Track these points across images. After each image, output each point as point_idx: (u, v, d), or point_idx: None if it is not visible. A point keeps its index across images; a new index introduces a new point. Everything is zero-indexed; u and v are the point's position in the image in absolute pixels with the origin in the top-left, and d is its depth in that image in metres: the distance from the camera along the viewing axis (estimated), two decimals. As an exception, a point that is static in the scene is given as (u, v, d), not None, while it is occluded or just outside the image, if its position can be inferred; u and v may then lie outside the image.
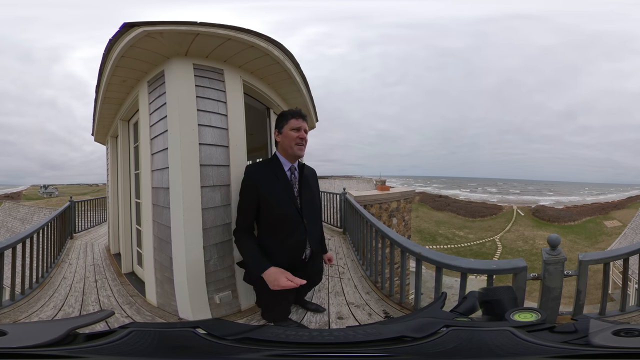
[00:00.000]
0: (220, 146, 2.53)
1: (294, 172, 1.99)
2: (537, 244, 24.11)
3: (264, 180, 1.89)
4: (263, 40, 2.44)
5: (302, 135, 1.95)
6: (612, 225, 26.75)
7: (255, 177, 1.90)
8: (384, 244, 3.03)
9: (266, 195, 1.87)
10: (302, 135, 1.95)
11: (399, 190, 7.95)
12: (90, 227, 7.40)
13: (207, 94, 2.47)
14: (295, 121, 1.94)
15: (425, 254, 2.30)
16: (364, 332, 0.78)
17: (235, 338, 0.71)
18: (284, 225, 1.91)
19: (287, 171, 1.96)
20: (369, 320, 2.49)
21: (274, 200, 1.87)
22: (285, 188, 1.92)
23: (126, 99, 3.35)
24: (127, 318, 2.60)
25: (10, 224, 14.51)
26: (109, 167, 5.06)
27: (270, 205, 1.88)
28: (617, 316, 2.36)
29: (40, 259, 3.58)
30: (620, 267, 5.18)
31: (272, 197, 1.87)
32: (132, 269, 3.87)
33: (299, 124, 1.95)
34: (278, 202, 1.88)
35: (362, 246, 3.99)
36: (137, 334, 0.71)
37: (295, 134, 1.93)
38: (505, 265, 2.04)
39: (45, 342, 0.67)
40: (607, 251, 2.60)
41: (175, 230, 2.41)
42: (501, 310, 0.90)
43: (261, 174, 1.92)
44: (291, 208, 1.91)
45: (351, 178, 31.78)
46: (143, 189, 2.98)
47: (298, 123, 1.94)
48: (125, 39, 2.17)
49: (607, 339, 0.65)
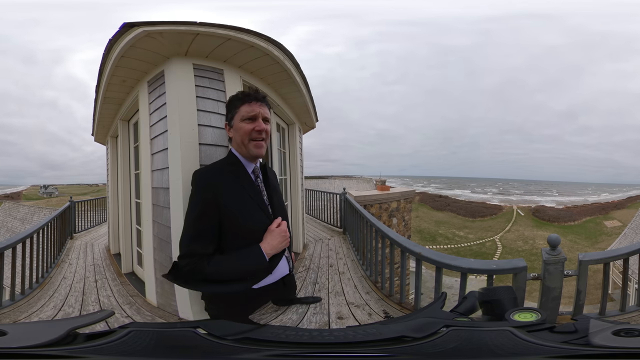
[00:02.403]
0: (220, 146, 2.53)
1: (259, 175, 1.56)
2: (537, 244, 24.12)
3: (225, 189, 1.42)
4: (263, 40, 2.45)
5: (260, 126, 1.45)
6: (612, 225, 26.76)
7: (213, 186, 1.41)
8: (384, 244, 3.03)
9: (232, 208, 1.41)
10: (259, 127, 1.45)
11: (399, 190, 7.95)
12: (90, 227, 7.40)
13: (207, 94, 2.47)
14: (247, 107, 1.45)
15: (425, 254, 2.30)
16: (364, 332, 0.78)
17: (235, 338, 0.71)
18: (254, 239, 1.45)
19: (251, 174, 1.53)
20: (369, 320, 2.49)
21: (240, 213, 1.42)
22: (253, 196, 1.48)
23: (126, 99, 3.35)
24: (127, 318, 2.60)
25: (10, 224, 14.51)
26: (109, 167, 5.06)
27: (236, 219, 1.42)
28: (617, 316, 2.36)
29: (40, 259, 3.59)
30: (620, 267, 5.18)
31: (238, 210, 1.42)
32: (132, 269, 3.87)
33: (254, 110, 1.45)
34: (246, 215, 1.44)
35: (362, 246, 3.99)
36: (137, 334, 0.71)
37: (249, 126, 1.44)
38: (505, 265, 2.04)
39: (45, 342, 0.67)
40: (607, 251, 2.60)
41: (175, 230, 2.41)
42: (501, 310, 0.90)
43: (220, 181, 1.44)
44: (263, 219, 1.49)
45: (351, 178, 31.78)
46: (143, 189, 2.98)
47: (251, 109, 1.45)
48: (125, 39, 2.17)
49: (607, 339, 0.65)
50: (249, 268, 1.42)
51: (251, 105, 1.46)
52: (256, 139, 1.46)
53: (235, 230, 1.43)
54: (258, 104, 1.47)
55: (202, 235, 1.40)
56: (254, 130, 1.45)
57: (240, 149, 1.50)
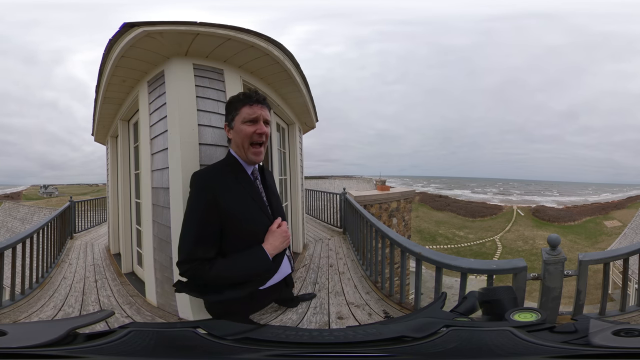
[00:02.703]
0: (220, 146, 2.53)
1: (257, 176, 1.57)
2: (537, 244, 24.12)
3: (225, 191, 1.41)
4: (263, 40, 2.45)
5: (261, 128, 1.44)
6: (612, 225, 26.76)
7: (213, 188, 1.40)
8: (384, 244, 3.04)
9: (233, 210, 1.40)
10: (260, 129, 1.44)
11: (399, 190, 7.95)
12: (90, 227, 7.40)
13: (207, 94, 2.47)
14: (248, 109, 1.43)
15: (425, 254, 2.30)
16: (364, 332, 0.78)
17: (235, 338, 0.71)
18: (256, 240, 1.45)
19: (250, 175, 1.52)
20: (369, 320, 2.49)
21: (242, 215, 1.42)
22: (254, 198, 1.49)
23: (126, 99, 3.35)
24: (127, 318, 2.60)
25: (10, 224, 14.51)
26: (109, 167, 5.06)
27: (238, 221, 1.41)
28: (617, 316, 2.36)
29: (40, 259, 3.59)
30: (620, 267, 5.18)
31: (240, 212, 1.42)
32: (132, 269, 3.87)
33: (255, 112, 1.43)
34: (248, 217, 1.44)
35: (362, 246, 3.99)
36: (137, 334, 0.71)
37: (250, 129, 1.42)
38: (505, 265, 2.04)
39: (45, 342, 0.67)
40: (607, 251, 2.60)
41: (175, 230, 2.41)
42: (501, 310, 0.90)
43: (220, 182, 1.43)
44: (264, 220, 1.49)
45: (351, 178, 31.77)
46: (143, 189, 2.98)
47: (253, 111, 1.43)
48: (125, 39, 2.17)
49: (607, 339, 0.65)
50: (253, 270, 1.42)
51: (252, 107, 1.44)
52: (257, 141, 1.45)
53: (236, 232, 1.42)
54: (259, 105, 1.46)
55: (203, 238, 1.37)
56: (255, 133, 1.43)
57: (240, 151, 1.49)
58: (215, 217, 1.38)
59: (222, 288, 1.39)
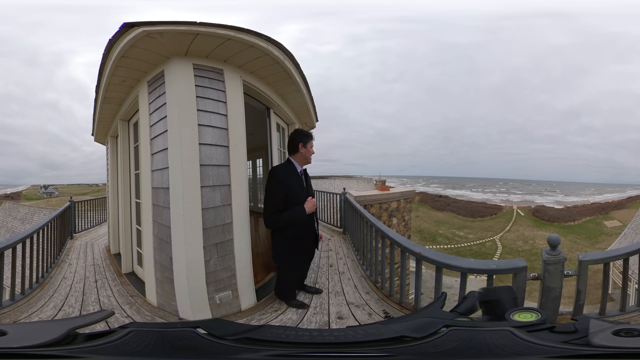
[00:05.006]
0: (220, 146, 2.53)
1: (302, 174, 2.71)
2: (537, 244, 24.10)
3: (288, 179, 2.59)
4: (263, 40, 2.44)
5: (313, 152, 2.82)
6: (612, 225, 26.75)
7: (284, 177, 2.58)
8: (384, 244, 3.03)
9: (291, 190, 2.58)
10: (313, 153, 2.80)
11: (399, 190, 7.95)
12: (90, 227, 7.39)
13: (207, 94, 2.47)
14: (313, 141, 2.76)
15: (425, 254, 2.30)
16: (364, 332, 0.78)
17: (235, 338, 0.71)
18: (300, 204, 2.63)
19: (299, 173, 2.68)
20: (369, 320, 2.49)
21: (295, 193, 2.60)
22: (300, 185, 2.66)
23: (126, 99, 3.35)
24: (127, 318, 2.60)
25: (10, 224, 14.51)
26: (109, 167, 5.06)
27: (293, 196, 2.58)
28: (617, 316, 2.36)
29: (40, 259, 3.58)
30: (620, 267, 5.19)
31: (294, 192, 2.60)
32: (132, 269, 3.87)
33: (313, 145, 2.76)
34: (298, 195, 2.61)
35: (362, 246, 3.99)
36: (137, 334, 0.71)
37: (313, 151, 2.76)
38: (505, 265, 2.04)
39: (45, 342, 0.67)
40: (607, 251, 2.60)
41: (175, 230, 2.41)
42: (501, 310, 0.90)
43: (286, 174, 2.61)
44: (304, 196, 2.65)
45: (351, 178, 31.75)
46: (143, 189, 2.98)
47: (313, 143, 2.76)
48: (125, 39, 2.17)
49: (607, 339, 0.65)
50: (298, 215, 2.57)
51: (313, 140, 2.73)
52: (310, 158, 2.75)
53: (292, 200, 2.57)
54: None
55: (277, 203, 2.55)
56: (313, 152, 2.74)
57: (301, 160, 2.69)
58: (282, 192, 2.54)
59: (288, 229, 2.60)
